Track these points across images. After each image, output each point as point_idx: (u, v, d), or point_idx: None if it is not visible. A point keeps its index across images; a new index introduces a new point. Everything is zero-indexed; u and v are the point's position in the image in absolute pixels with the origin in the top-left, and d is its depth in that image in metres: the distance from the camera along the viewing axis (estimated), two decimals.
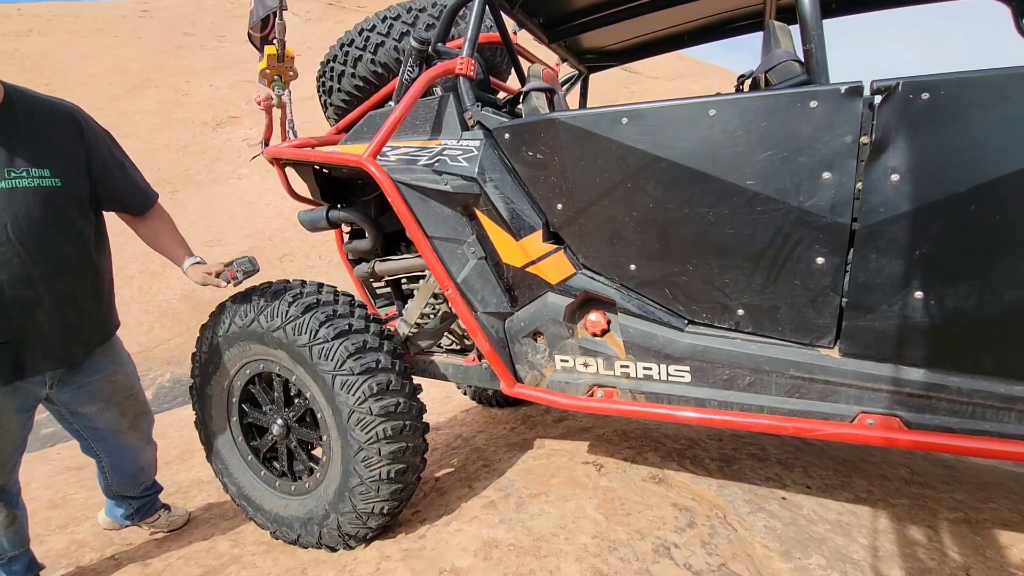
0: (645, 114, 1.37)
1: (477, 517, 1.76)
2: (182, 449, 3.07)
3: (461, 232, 1.72)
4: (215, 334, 1.78)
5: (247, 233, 7.67)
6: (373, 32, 2.08)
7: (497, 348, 1.74)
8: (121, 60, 12.70)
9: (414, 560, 1.59)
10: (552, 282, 1.62)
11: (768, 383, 1.39)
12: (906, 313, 1.20)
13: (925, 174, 1.13)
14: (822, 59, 1.22)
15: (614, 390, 1.60)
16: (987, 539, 1.54)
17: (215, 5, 16.87)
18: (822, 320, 1.31)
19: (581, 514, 1.69)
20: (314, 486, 1.75)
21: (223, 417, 1.89)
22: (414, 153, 1.74)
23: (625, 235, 1.47)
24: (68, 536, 2.04)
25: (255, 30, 2.20)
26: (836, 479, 1.89)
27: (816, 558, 1.45)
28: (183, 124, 10.43)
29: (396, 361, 1.70)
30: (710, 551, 1.50)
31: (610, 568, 1.45)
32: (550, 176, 1.54)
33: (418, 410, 1.71)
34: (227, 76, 12.22)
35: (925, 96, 1.10)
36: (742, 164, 1.28)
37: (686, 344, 1.46)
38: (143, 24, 15.26)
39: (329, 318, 1.64)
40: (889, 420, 1.27)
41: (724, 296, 1.40)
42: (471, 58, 1.68)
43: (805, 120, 1.21)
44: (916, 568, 1.41)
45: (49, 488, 2.52)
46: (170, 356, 5.70)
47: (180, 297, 6.41)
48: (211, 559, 1.79)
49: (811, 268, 1.28)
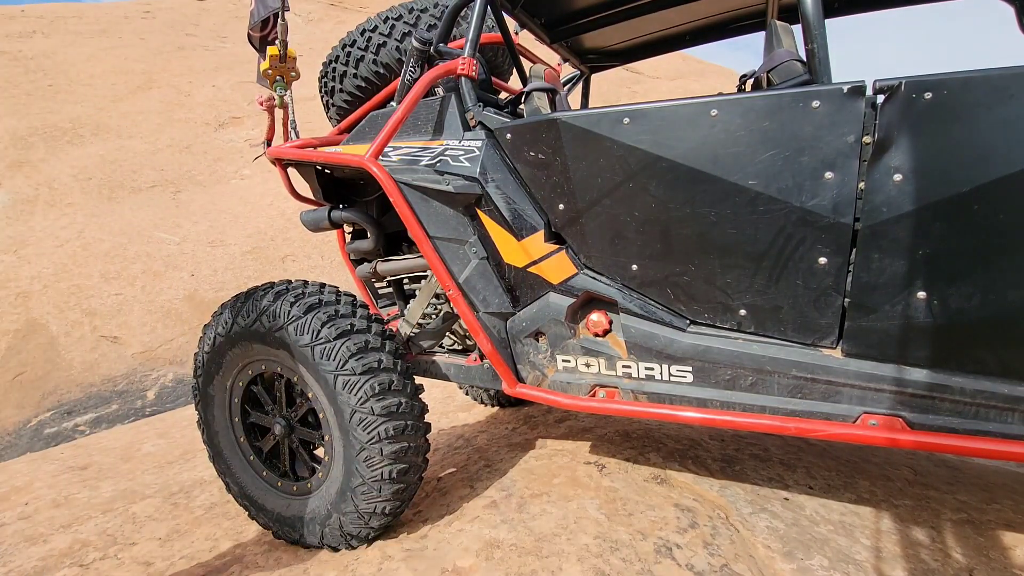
0: (647, 114, 1.37)
1: (479, 517, 1.76)
2: (184, 449, 3.07)
3: (463, 232, 1.72)
4: (217, 334, 1.79)
5: (249, 233, 7.68)
6: (375, 33, 2.09)
7: (499, 348, 1.74)
8: (124, 61, 12.73)
9: (416, 560, 1.59)
10: (554, 282, 1.62)
11: (770, 383, 1.38)
12: (909, 313, 1.20)
13: (928, 174, 1.12)
14: (824, 59, 1.22)
15: (616, 390, 1.60)
16: (991, 540, 1.54)
17: (217, 6, 16.91)
18: (824, 320, 1.31)
19: (583, 514, 1.69)
20: (316, 486, 1.75)
21: (225, 417, 1.89)
22: (416, 153, 1.74)
23: (627, 235, 1.47)
24: (71, 535, 2.04)
25: (255, 31, 2.21)
26: (839, 480, 1.89)
27: (818, 559, 1.44)
28: (185, 125, 10.45)
29: (398, 361, 1.70)
30: (712, 552, 1.50)
31: (612, 568, 1.44)
32: (552, 176, 1.54)
33: (420, 410, 1.71)
34: (229, 77, 12.25)
35: (928, 96, 1.09)
36: (744, 164, 1.27)
37: (688, 344, 1.45)
38: (145, 25, 15.29)
39: (331, 318, 1.64)
40: (892, 420, 1.27)
41: (726, 296, 1.40)
42: (473, 58, 1.68)
43: (807, 120, 1.20)
44: (919, 569, 1.41)
45: (52, 488, 2.52)
46: (172, 356, 5.71)
47: (183, 297, 6.43)
48: (214, 559, 1.80)
49: (813, 268, 1.27)
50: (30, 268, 6.54)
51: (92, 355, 5.52)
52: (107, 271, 6.47)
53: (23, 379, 5.21)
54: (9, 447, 4.70)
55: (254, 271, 6.72)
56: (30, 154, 9.03)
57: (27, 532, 2.08)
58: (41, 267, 6.56)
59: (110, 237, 6.98)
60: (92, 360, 5.47)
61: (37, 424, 4.92)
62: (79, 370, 5.36)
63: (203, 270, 6.45)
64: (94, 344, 5.64)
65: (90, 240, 6.99)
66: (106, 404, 5.00)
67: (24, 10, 15.11)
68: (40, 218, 7.56)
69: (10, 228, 7.31)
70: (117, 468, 2.80)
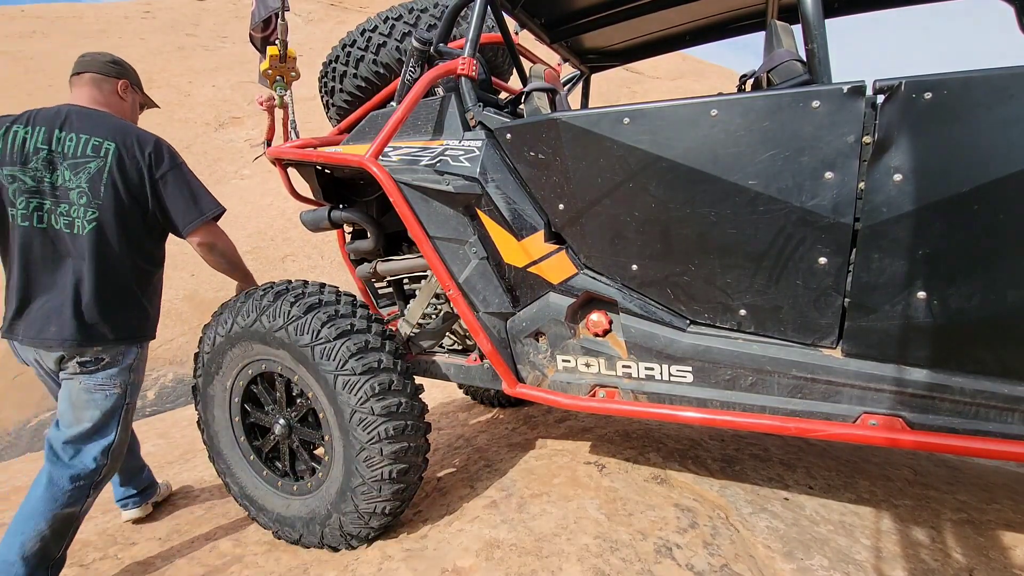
0: (647, 114, 1.37)
1: (479, 517, 1.76)
2: (184, 449, 3.07)
3: (463, 232, 1.72)
4: (218, 334, 1.79)
5: (249, 233, 7.69)
6: (375, 33, 2.09)
7: (499, 348, 1.74)
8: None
9: (416, 560, 1.59)
10: (554, 282, 1.62)
11: (770, 383, 1.38)
12: (909, 313, 1.20)
13: (928, 174, 1.12)
14: (824, 59, 1.22)
15: (616, 390, 1.60)
16: (991, 540, 1.54)
17: (217, 6, 16.92)
18: (824, 320, 1.31)
19: (583, 514, 1.69)
20: (316, 486, 1.75)
21: (225, 417, 1.89)
22: (416, 153, 1.74)
23: (627, 235, 1.47)
24: None
25: (256, 31, 2.21)
26: (839, 479, 1.89)
27: (819, 559, 1.44)
28: (186, 125, 10.46)
29: (398, 361, 1.70)
30: (712, 552, 1.50)
31: (612, 568, 1.44)
32: (552, 176, 1.54)
33: (420, 410, 1.71)
34: (229, 77, 12.25)
35: (928, 96, 1.09)
36: (744, 164, 1.27)
37: (688, 344, 1.45)
38: (146, 25, 15.30)
39: (331, 318, 1.64)
40: (892, 420, 1.27)
41: (726, 296, 1.40)
42: (473, 58, 1.68)
43: (807, 120, 1.20)
44: (919, 569, 1.41)
45: None
46: (173, 356, 5.72)
47: (183, 297, 6.43)
48: (214, 559, 1.80)
49: (813, 268, 1.27)
50: None
51: None
52: None
53: (23, 379, 5.22)
54: (9, 447, 4.70)
55: (254, 271, 6.70)
56: None
57: None
58: None
59: None
60: None
61: (37, 424, 4.92)
62: None
63: (203, 270, 6.44)
64: None
65: None
66: None
67: (24, 10, 15.12)
68: None
69: None
70: None
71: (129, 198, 1.65)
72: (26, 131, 1.59)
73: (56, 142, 1.59)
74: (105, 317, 1.62)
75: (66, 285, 1.59)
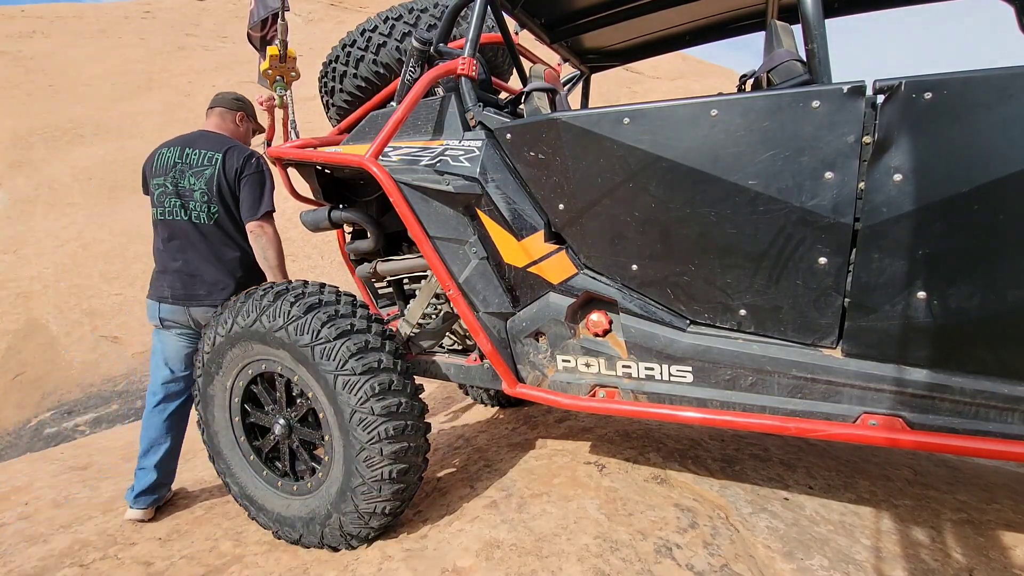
0: (647, 114, 1.37)
1: (479, 517, 1.76)
2: (185, 449, 3.05)
3: (463, 232, 1.72)
4: (217, 334, 1.79)
5: None
6: (375, 33, 2.09)
7: (499, 348, 1.74)
8: (124, 61, 12.75)
9: (416, 560, 1.59)
10: (554, 282, 1.62)
11: (770, 383, 1.38)
12: (909, 313, 1.20)
13: (928, 174, 1.12)
14: (824, 59, 1.22)
15: (616, 390, 1.60)
16: (991, 540, 1.54)
17: (217, 6, 16.92)
18: (824, 320, 1.31)
19: (583, 514, 1.69)
20: (316, 486, 1.75)
21: (225, 417, 1.89)
22: (416, 153, 1.74)
23: (627, 235, 1.47)
24: (71, 535, 2.04)
25: (255, 31, 2.21)
26: (839, 480, 1.89)
27: (818, 559, 1.44)
28: (186, 125, 10.44)
29: (398, 361, 1.70)
30: (712, 552, 1.50)
31: (612, 568, 1.44)
32: (552, 176, 1.54)
33: (420, 410, 1.71)
34: (229, 76, 12.25)
35: (928, 96, 1.09)
36: (744, 164, 1.27)
37: (688, 344, 1.45)
38: (146, 25, 15.30)
39: (331, 318, 1.64)
40: (892, 420, 1.27)
41: (726, 296, 1.40)
42: (473, 58, 1.68)
43: (807, 120, 1.20)
44: (919, 569, 1.41)
45: (53, 487, 2.52)
46: None
47: None
48: (214, 559, 1.80)
49: (813, 268, 1.27)
50: (30, 268, 6.54)
51: (92, 355, 5.53)
52: (107, 271, 6.47)
53: (23, 379, 5.22)
54: (9, 447, 4.70)
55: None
56: (30, 154, 9.04)
57: (27, 532, 2.08)
58: (41, 267, 6.57)
59: (110, 237, 6.98)
60: (92, 360, 5.47)
61: (37, 424, 4.92)
62: (79, 370, 5.36)
63: None
64: (94, 344, 5.65)
65: (90, 240, 6.99)
66: (106, 404, 5.00)
67: (24, 10, 15.12)
68: (40, 218, 7.57)
69: (10, 228, 7.32)
70: (117, 468, 2.80)
71: (230, 195, 2.12)
72: (169, 151, 2.13)
73: (185, 156, 2.11)
74: (230, 278, 2.14)
75: (195, 259, 2.09)
